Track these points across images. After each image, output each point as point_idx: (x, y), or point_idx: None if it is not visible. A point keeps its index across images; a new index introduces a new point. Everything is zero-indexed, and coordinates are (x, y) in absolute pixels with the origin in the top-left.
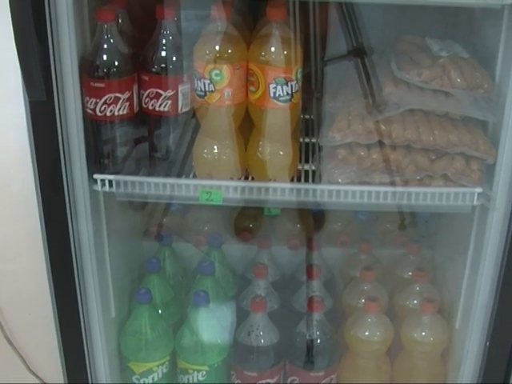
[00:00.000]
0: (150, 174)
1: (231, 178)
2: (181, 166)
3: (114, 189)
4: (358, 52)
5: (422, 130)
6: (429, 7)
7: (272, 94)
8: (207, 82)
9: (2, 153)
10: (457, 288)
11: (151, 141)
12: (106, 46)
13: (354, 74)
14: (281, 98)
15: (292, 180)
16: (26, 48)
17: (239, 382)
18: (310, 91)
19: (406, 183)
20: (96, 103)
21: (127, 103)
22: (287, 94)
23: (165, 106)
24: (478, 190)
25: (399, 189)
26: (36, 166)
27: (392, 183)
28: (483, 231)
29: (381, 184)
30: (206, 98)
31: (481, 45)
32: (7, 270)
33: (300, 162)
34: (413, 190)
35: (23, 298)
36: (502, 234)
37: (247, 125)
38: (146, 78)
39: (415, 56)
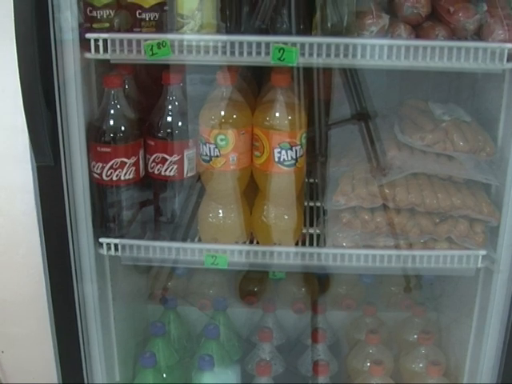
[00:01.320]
0: (155, 238)
1: (236, 242)
2: (186, 230)
3: (119, 252)
4: (362, 116)
5: (425, 194)
6: (431, 71)
7: (277, 159)
8: (212, 146)
9: (8, 216)
10: (463, 350)
11: (156, 204)
12: (112, 111)
13: (358, 138)
14: (285, 163)
15: (297, 244)
16: (35, 114)
17: None
18: (315, 155)
19: (410, 246)
20: (102, 168)
21: (133, 168)
22: (292, 158)
23: (170, 171)
24: (482, 252)
25: (404, 252)
26: (42, 229)
27: (396, 246)
28: (488, 293)
29: (385, 247)
30: (211, 162)
31: (483, 108)
32: (12, 333)
33: (304, 225)
34: (417, 253)
35: (28, 362)
36: (507, 296)
37: (252, 189)
38: (152, 142)
39: (418, 120)
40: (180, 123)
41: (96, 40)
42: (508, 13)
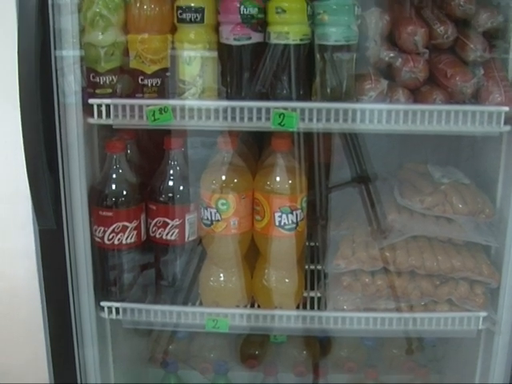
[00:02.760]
0: (156, 302)
1: (237, 306)
2: (187, 294)
3: (120, 316)
4: (362, 179)
5: (425, 256)
6: (430, 134)
7: (277, 223)
8: (213, 211)
9: (10, 280)
10: None
11: (158, 268)
12: (114, 176)
13: (358, 201)
14: (286, 227)
15: (297, 307)
16: (38, 178)
17: None
18: (315, 218)
19: (411, 309)
20: (104, 232)
21: (135, 232)
22: (292, 222)
23: (172, 235)
24: (483, 314)
25: (404, 315)
26: (44, 293)
27: (397, 309)
28: (490, 355)
29: (386, 310)
30: (212, 226)
31: (482, 169)
32: None
33: (305, 288)
34: (418, 315)
35: None
36: (508, 357)
37: (253, 252)
38: (154, 207)
39: (417, 183)
40: (181, 188)
41: (99, 105)
42: (504, 76)
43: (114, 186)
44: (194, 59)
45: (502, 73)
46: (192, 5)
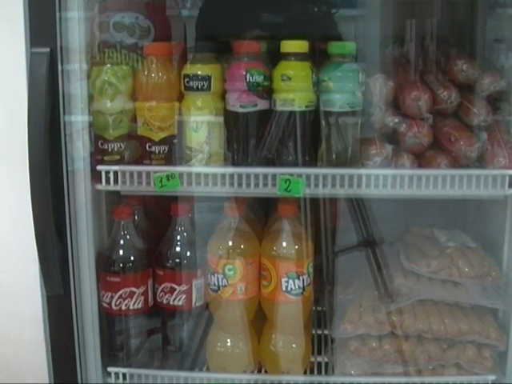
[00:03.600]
0: (162, 367)
1: (244, 371)
2: (194, 359)
3: (127, 381)
4: (368, 243)
5: (432, 320)
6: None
7: (284, 288)
8: (220, 276)
9: (17, 345)
10: None
11: (164, 333)
12: (122, 241)
13: (365, 265)
14: (293, 292)
15: (305, 372)
16: (46, 244)
17: None
18: (322, 283)
19: (418, 373)
20: (111, 297)
21: (142, 297)
22: (299, 287)
23: (179, 301)
24: (491, 377)
25: (412, 379)
26: (51, 358)
27: (405, 373)
28: None
29: (393, 374)
30: (219, 292)
31: (488, 232)
32: None
33: (312, 353)
34: (426, 379)
35: None
36: None
37: (260, 317)
38: (161, 272)
39: (423, 247)
40: (188, 253)
41: (107, 172)
42: (508, 139)
43: (121, 252)
44: (201, 126)
45: (506, 136)
46: (199, 73)
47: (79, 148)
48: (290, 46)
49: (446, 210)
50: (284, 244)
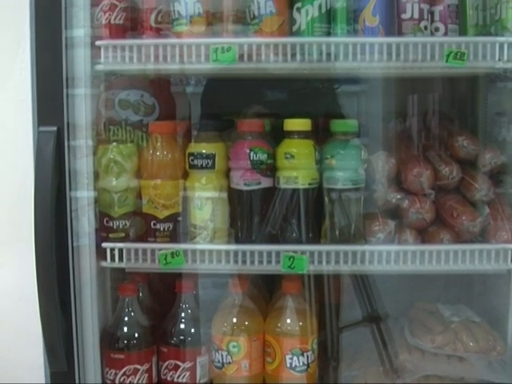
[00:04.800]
0: None
1: None
2: None
3: None
4: (373, 318)
5: None
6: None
7: (288, 365)
8: (225, 353)
9: None
10: None
11: None
12: (126, 318)
13: (370, 340)
14: (297, 369)
15: None
16: (50, 320)
17: None
18: (326, 359)
19: None
20: (116, 374)
21: (146, 374)
22: (303, 364)
23: (183, 378)
24: None
25: None
26: None
27: None
28: None
29: None
30: (223, 369)
31: (493, 306)
32: None
33: None
34: None
35: None
36: None
37: None
38: (165, 349)
39: (427, 322)
40: (193, 330)
41: (112, 249)
42: (510, 214)
43: (125, 329)
44: (205, 204)
45: (508, 210)
46: (203, 151)
47: (84, 224)
48: (293, 124)
49: (451, 284)
50: (288, 321)
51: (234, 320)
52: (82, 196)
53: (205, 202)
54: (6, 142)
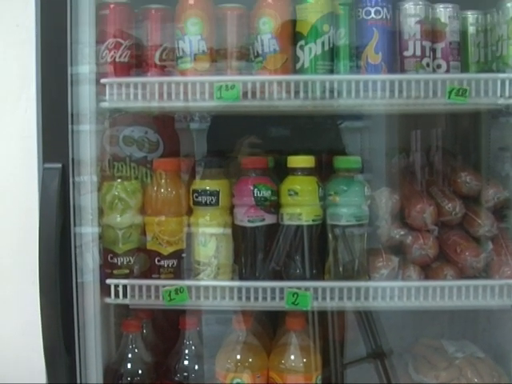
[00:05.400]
0: None
1: None
2: None
3: None
4: (377, 354)
5: None
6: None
7: None
8: None
9: None
10: None
11: None
12: (130, 355)
13: (374, 377)
14: None
15: None
16: (54, 357)
17: None
18: None
19: None
20: None
21: None
22: None
23: None
24: None
25: None
26: None
27: None
28: None
29: None
30: None
31: (497, 342)
32: None
33: None
34: None
35: None
36: None
37: None
38: None
39: (432, 358)
40: (196, 367)
41: (116, 285)
42: None
43: (129, 366)
44: (210, 240)
45: (511, 247)
46: (207, 188)
47: (88, 260)
48: (297, 161)
49: (455, 320)
50: (292, 357)
51: (238, 356)
52: (87, 232)
53: (209, 238)
54: (11, 178)
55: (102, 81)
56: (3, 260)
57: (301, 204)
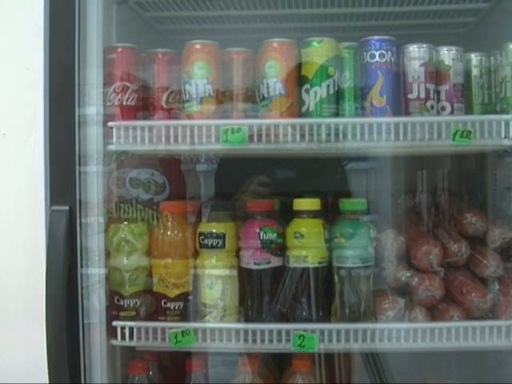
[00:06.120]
0: None
1: None
2: None
3: None
4: None
5: None
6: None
7: None
8: None
9: None
10: None
11: None
12: None
13: None
14: None
15: None
16: None
17: None
18: None
19: None
20: None
21: None
22: None
23: None
24: None
25: None
26: None
27: None
28: None
29: None
30: None
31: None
32: None
33: None
34: None
35: None
36: None
37: None
38: None
39: None
40: None
41: (122, 327)
42: None
43: None
44: (216, 283)
45: None
46: (213, 231)
47: (95, 302)
48: (302, 204)
49: (463, 361)
50: None
51: None
52: (93, 273)
53: (215, 280)
54: (19, 218)
55: (109, 124)
56: (10, 300)
57: (307, 246)
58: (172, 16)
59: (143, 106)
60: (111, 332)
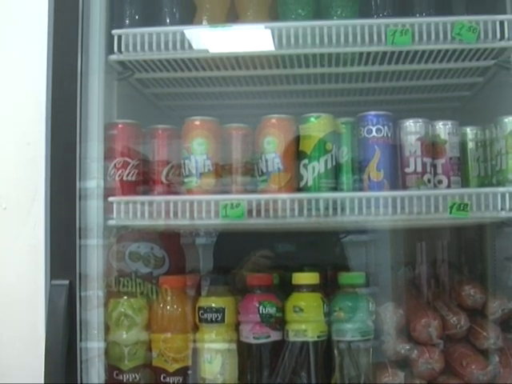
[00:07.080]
0: None
1: None
2: None
3: None
4: None
5: None
6: None
7: None
8: None
9: None
10: None
11: None
12: None
13: None
14: None
15: None
16: None
17: None
18: None
19: None
20: None
21: None
22: None
23: None
24: None
25: None
26: None
27: None
28: None
29: None
30: None
31: None
32: None
33: None
34: None
35: None
36: None
37: None
38: None
39: None
40: None
41: None
42: None
43: None
44: (215, 357)
45: None
46: (213, 305)
47: (93, 376)
48: (302, 278)
49: None
50: None
51: None
52: (92, 347)
53: (214, 355)
54: (18, 291)
55: (110, 199)
56: (11, 375)
57: (306, 320)
58: (172, 92)
59: (143, 180)
60: None
